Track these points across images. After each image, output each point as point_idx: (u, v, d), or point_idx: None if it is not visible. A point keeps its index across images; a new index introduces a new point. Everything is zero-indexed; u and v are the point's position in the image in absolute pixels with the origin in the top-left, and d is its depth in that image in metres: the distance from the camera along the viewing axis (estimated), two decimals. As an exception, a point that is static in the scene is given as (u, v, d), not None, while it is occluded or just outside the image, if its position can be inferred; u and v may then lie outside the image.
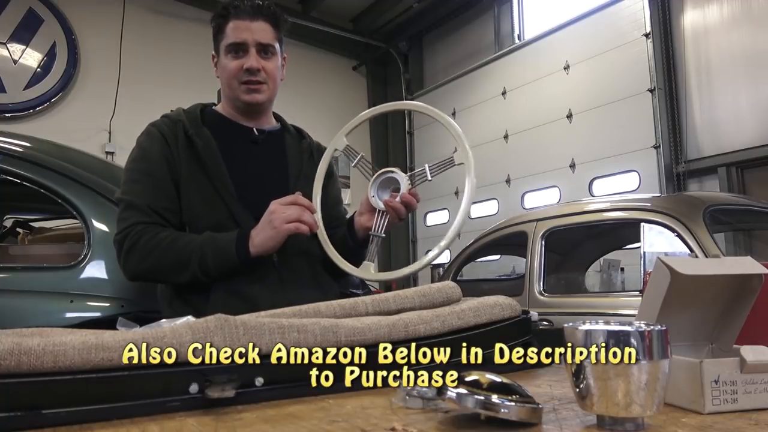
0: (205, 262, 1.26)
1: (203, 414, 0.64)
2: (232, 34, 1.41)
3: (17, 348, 0.60)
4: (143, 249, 1.28)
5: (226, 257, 1.26)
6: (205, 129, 1.42)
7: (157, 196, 1.34)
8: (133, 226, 1.30)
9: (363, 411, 0.64)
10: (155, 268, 1.30)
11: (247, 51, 1.40)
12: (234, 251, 1.26)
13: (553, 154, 6.33)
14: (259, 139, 1.48)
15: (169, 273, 1.30)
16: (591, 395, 0.54)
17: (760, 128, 4.91)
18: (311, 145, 1.59)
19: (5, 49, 6.23)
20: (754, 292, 0.70)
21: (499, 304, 0.92)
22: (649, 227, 2.75)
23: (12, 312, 1.50)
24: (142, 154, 1.39)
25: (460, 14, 7.88)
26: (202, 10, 7.27)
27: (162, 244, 1.28)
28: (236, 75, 1.41)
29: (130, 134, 1.50)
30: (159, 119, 1.45)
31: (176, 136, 1.38)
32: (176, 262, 1.27)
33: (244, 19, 1.41)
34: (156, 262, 1.28)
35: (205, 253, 1.26)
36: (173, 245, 1.28)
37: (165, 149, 1.37)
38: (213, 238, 1.28)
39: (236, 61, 1.41)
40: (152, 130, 1.41)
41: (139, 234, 1.29)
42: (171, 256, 1.28)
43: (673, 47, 5.54)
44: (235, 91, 1.43)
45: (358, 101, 8.88)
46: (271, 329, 0.73)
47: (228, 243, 1.27)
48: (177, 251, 1.27)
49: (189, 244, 1.28)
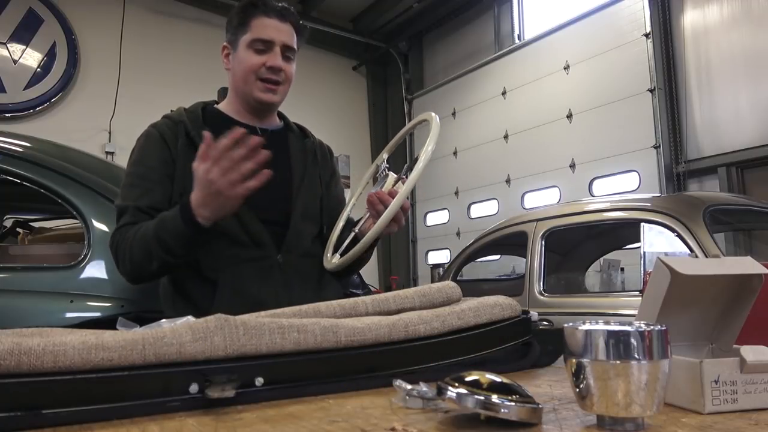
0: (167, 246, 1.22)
1: (203, 414, 0.64)
2: (260, 31, 1.40)
3: (17, 348, 0.60)
4: (122, 251, 1.28)
5: (179, 233, 1.20)
6: (207, 128, 1.41)
7: (147, 197, 1.32)
8: (117, 232, 1.30)
9: (363, 411, 0.64)
10: (134, 266, 1.28)
11: (272, 50, 1.40)
12: (181, 224, 1.20)
13: (553, 154, 6.32)
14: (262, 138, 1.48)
15: (145, 265, 1.27)
16: (591, 395, 0.54)
17: (760, 128, 4.91)
18: (315, 144, 1.58)
19: (5, 49, 6.23)
20: (754, 292, 0.70)
21: (499, 304, 0.92)
22: (649, 227, 2.75)
23: (12, 312, 1.50)
24: (138, 157, 1.39)
25: (460, 14, 7.87)
26: (202, 10, 7.28)
27: (128, 241, 1.27)
28: (256, 71, 1.40)
29: (130, 134, 1.50)
30: (160, 120, 1.44)
31: (177, 137, 1.38)
32: (144, 251, 1.24)
33: (273, 18, 1.41)
34: (132, 260, 1.27)
35: (160, 234, 1.22)
36: (139, 236, 1.26)
37: (164, 151, 1.36)
38: (161, 218, 1.24)
39: (259, 57, 1.40)
40: (151, 132, 1.40)
41: (121, 236, 1.29)
42: (140, 246, 1.25)
43: (673, 47, 5.54)
44: (250, 86, 1.42)
45: (358, 101, 8.88)
46: (271, 329, 0.73)
47: (175, 218, 1.21)
48: (142, 240, 1.25)
49: (147, 232, 1.25)
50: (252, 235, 1.35)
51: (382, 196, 1.29)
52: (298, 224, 1.42)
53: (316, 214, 1.50)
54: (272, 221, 1.38)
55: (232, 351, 0.69)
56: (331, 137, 1.45)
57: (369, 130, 8.89)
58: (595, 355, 0.53)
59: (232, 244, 1.33)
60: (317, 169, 1.54)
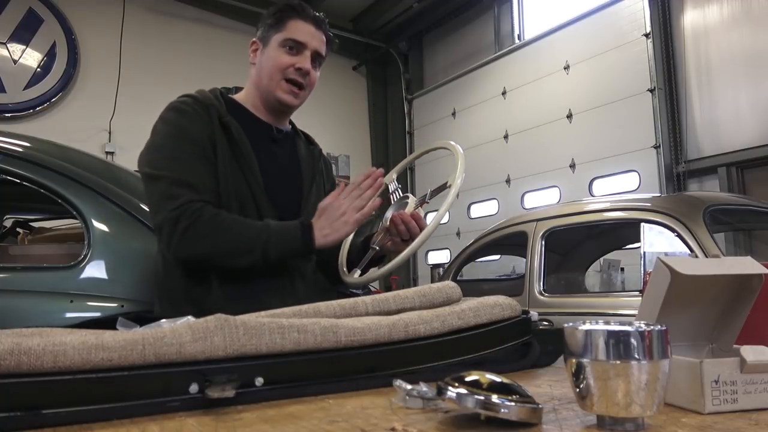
0: (268, 250, 1.25)
1: (203, 414, 0.64)
2: (296, 32, 1.41)
3: (17, 348, 0.60)
4: (203, 229, 1.24)
5: (293, 247, 1.27)
6: (233, 118, 1.39)
7: (207, 175, 1.30)
8: (189, 204, 1.25)
9: (363, 411, 0.64)
10: (214, 250, 1.26)
11: (303, 52, 1.41)
12: (300, 239, 1.27)
13: (553, 154, 6.32)
14: (278, 138, 1.49)
15: (228, 256, 1.26)
16: (591, 395, 0.54)
17: (760, 128, 4.91)
18: (319, 152, 1.62)
19: (5, 49, 6.23)
20: (754, 292, 0.70)
21: (499, 304, 0.92)
22: (649, 227, 2.74)
23: (12, 312, 1.50)
24: (178, 130, 1.33)
25: (460, 14, 7.87)
26: (202, 10, 7.28)
27: (223, 226, 1.25)
28: (283, 69, 1.41)
29: (130, 134, 1.50)
30: (183, 98, 1.38)
31: (211, 119, 1.35)
32: (238, 246, 1.25)
33: (310, 23, 1.42)
34: (216, 244, 1.25)
35: (269, 242, 1.25)
36: (235, 228, 1.26)
37: (207, 127, 1.33)
38: (279, 227, 1.28)
39: (290, 57, 1.41)
40: (184, 108, 1.35)
41: (197, 213, 1.24)
42: (233, 238, 1.25)
43: (673, 47, 5.53)
44: (274, 84, 1.42)
45: (358, 101, 8.88)
46: (271, 329, 0.73)
47: (293, 232, 1.27)
48: (239, 235, 1.25)
49: (251, 229, 1.26)
50: None
51: (406, 219, 1.34)
52: None
53: None
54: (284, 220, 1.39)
55: (232, 351, 0.69)
56: (331, 137, 1.47)
57: (369, 130, 8.89)
58: (595, 355, 0.53)
59: None
60: (322, 177, 1.58)
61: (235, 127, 1.36)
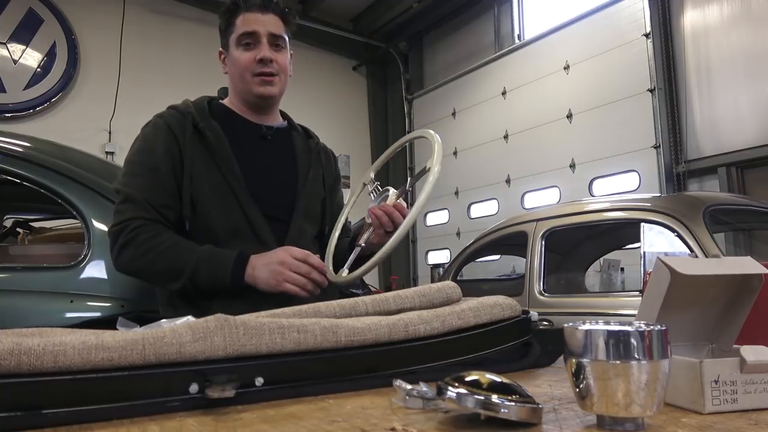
0: (198, 277, 1.25)
1: (203, 414, 0.64)
2: (245, 25, 1.41)
3: (17, 348, 0.60)
4: (139, 247, 1.27)
5: (219, 277, 1.26)
6: (214, 121, 1.41)
7: (157, 192, 1.33)
8: (131, 221, 1.29)
9: (363, 411, 0.64)
10: (147, 270, 1.29)
11: (259, 42, 1.41)
12: (229, 274, 1.25)
13: (553, 154, 6.32)
14: (267, 135, 1.48)
15: (159, 277, 1.31)
16: (591, 395, 0.54)
17: (760, 128, 4.91)
18: (318, 146, 1.59)
19: (5, 49, 6.23)
20: (754, 292, 0.70)
21: (499, 304, 0.92)
22: (649, 227, 2.74)
23: (12, 312, 1.50)
24: (146, 146, 1.37)
25: (460, 14, 7.87)
26: (202, 10, 7.27)
27: (159, 248, 1.27)
28: (249, 67, 1.41)
29: (130, 134, 1.50)
30: (166, 110, 1.43)
31: (184, 129, 1.37)
32: (169, 269, 1.27)
33: (255, 12, 1.42)
34: (149, 264, 1.27)
35: (199, 268, 1.25)
36: (170, 251, 1.27)
37: (171, 143, 1.36)
38: (211, 254, 1.27)
39: (248, 53, 1.41)
40: (159, 122, 1.39)
41: (136, 230, 1.28)
42: (165, 261, 1.27)
43: (673, 47, 5.53)
44: (248, 84, 1.43)
45: (358, 101, 8.88)
46: (271, 329, 0.73)
47: (224, 264, 1.26)
48: (172, 258, 1.27)
49: (185, 254, 1.27)
50: (255, 230, 1.35)
51: (388, 210, 1.31)
52: (299, 222, 1.43)
53: (317, 215, 1.51)
54: (275, 218, 1.39)
55: (232, 351, 0.69)
56: (331, 137, 1.46)
57: (369, 130, 8.89)
58: (595, 355, 0.53)
59: (234, 238, 1.34)
60: (321, 170, 1.55)
61: (212, 131, 1.38)
